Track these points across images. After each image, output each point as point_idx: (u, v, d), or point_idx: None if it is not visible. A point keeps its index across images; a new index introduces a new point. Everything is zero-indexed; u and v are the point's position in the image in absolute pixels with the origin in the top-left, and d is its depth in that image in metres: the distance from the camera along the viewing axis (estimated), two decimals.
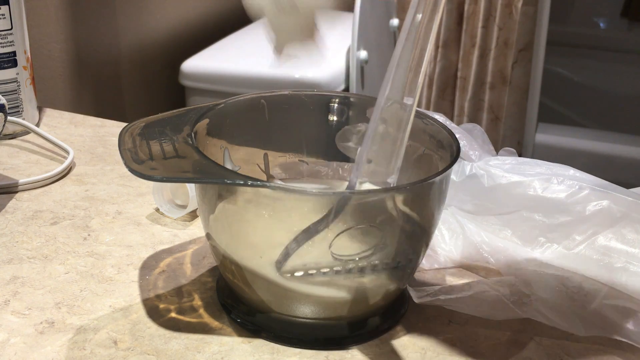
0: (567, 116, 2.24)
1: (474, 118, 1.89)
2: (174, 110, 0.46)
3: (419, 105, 0.47)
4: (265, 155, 0.52)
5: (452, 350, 0.43)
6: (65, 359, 0.40)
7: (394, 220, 0.41)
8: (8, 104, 0.69)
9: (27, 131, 0.71)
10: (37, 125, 0.73)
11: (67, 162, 0.63)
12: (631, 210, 0.49)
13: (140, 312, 0.45)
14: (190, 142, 0.42)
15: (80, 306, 0.45)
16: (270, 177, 0.52)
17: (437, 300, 0.46)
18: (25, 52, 0.70)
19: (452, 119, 1.41)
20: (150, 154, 0.40)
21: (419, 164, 0.48)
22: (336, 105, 0.52)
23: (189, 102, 1.35)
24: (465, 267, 0.51)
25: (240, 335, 0.43)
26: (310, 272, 0.40)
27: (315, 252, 0.40)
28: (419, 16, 0.40)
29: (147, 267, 0.49)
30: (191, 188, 0.55)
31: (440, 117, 0.52)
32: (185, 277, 0.48)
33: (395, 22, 1.67)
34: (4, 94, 0.68)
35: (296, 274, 0.41)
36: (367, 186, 0.43)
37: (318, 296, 0.41)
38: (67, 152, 0.66)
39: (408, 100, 0.41)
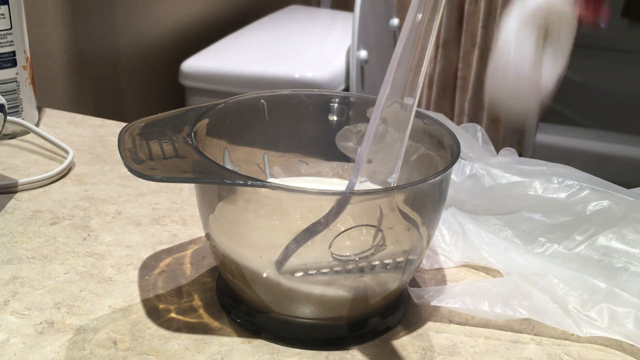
0: (567, 116, 2.24)
1: (474, 118, 1.89)
2: (174, 110, 0.46)
3: (419, 105, 0.47)
4: (265, 155, 0.52)
5: (452, 350, 0.43)
6: (65, 359, 0.40)
7: (394, 220, 0.41)
8: (7, 104, 0.69)
9: (26, 131, 0.70)
10: (37, 125, 0.73)
11: (66, 162, 0.63)
12: (631, 210, 0.49)
13: (140, 312, 0.45)
14: (190, 142, 0.42)
15: (80, 306, 0.45)
16: (270, 177, 0.52)
17: (437, 300, 0.46)
18: (24, 52, 0.70)
19: (452, 119, 1.41)
20: (150, 153, 0.40)
21: (419, 164, 0.48)
22: (336, 105, 0.52)
23: (189, 102, 1.35)
24: (465, 267, 0.51)
25: (240, 335, 0.43)
26: (310, 272, 0.40)
27: (315, 252, 0.40)
28: (420, 16, 0.39)
29: (147, 267, 0.49)
30: None
31: (440, 117, 0.52)
32: (185, 278, 0.48)
33: (395, 21, 1.67)
34: (3, 93, 0.68)
35: (296, 274, 0.40)
36: (367, 186, 0.43)
37: (318, 296, 0.41)
38: (66, 152, 0.66)
39: (408, 100, 0.41)
